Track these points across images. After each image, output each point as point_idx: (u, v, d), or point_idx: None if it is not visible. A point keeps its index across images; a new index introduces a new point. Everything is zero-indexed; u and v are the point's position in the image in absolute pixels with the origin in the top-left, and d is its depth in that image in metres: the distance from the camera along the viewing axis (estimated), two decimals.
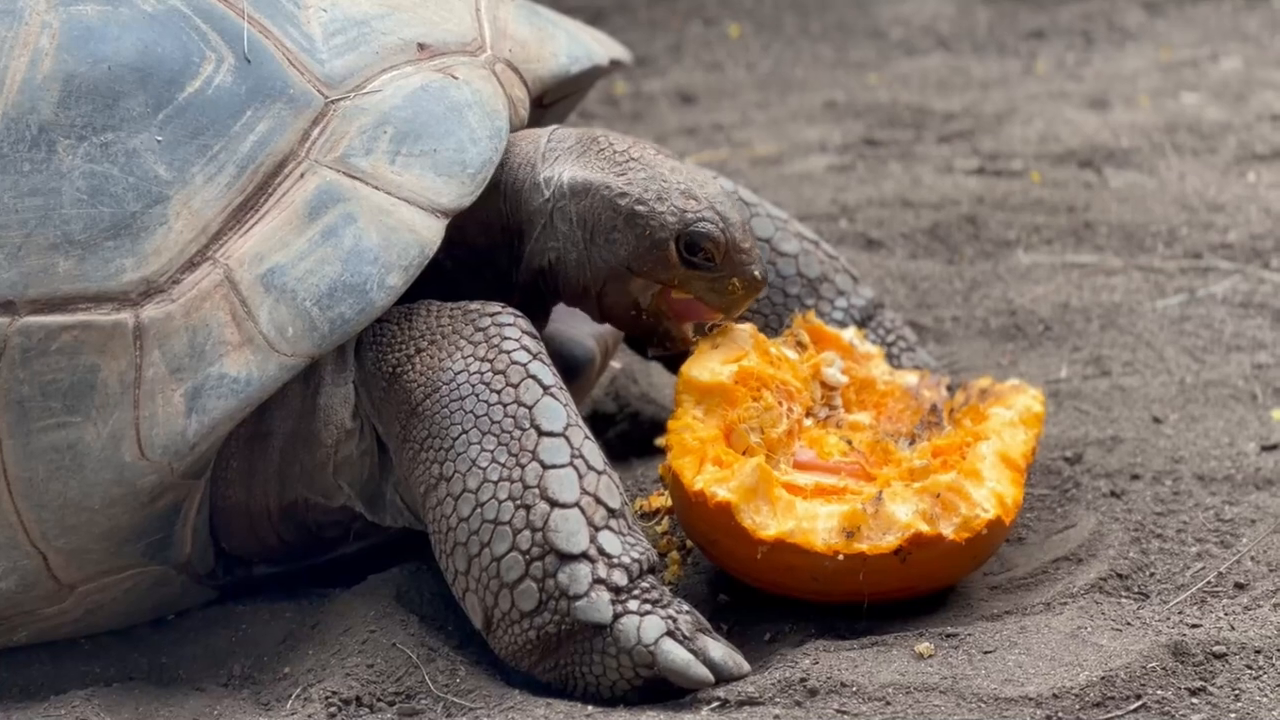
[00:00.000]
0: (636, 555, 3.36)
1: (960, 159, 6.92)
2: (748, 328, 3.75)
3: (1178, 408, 4.52)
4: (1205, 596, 3.62)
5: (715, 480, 3.50)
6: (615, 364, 4.55)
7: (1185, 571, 3.72)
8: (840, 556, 3.44)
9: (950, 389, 3.99)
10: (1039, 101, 7.75)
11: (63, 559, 3.48)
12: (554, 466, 3.37)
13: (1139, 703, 3.22)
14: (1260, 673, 3.31)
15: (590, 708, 3.31)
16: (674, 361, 3.87)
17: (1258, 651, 3.35)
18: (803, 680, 3.30)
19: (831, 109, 7.91)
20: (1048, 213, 6.08)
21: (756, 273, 3.67)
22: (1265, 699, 3.24)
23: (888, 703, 3.23)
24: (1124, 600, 3.60)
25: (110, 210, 3.41)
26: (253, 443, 3.63)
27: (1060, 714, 3.18)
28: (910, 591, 3.57)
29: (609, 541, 3.35)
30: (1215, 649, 3.36)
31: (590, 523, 3.34)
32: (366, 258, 3.43)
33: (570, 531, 3.33)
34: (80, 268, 3.40)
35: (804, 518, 3.47)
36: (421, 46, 3.71)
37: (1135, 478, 4.12)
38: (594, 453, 3.41)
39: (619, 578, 3.33)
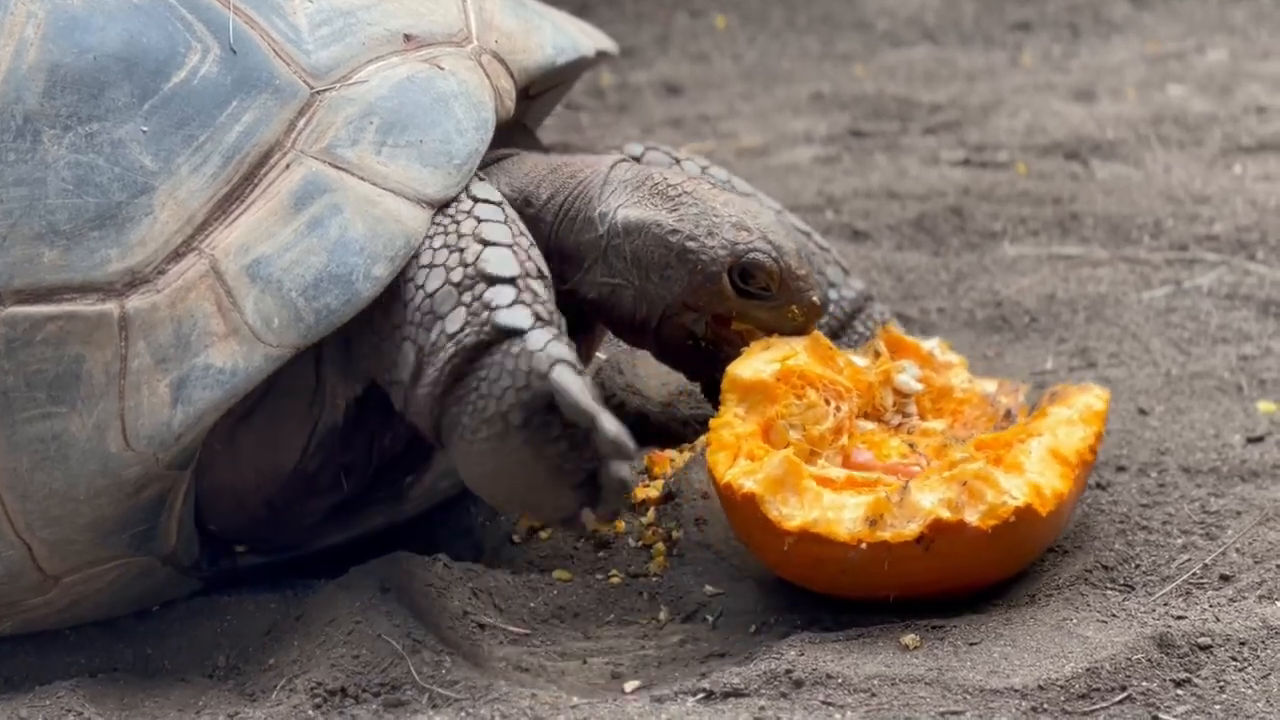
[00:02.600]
0: (558, 317, 3.44)
1: (946, 150, 6.93)
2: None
3: (1163, 399, 4.52)
4: (1190, 588, 3.62)
5: (744, 473, 3.49)
6: (600, 354, 4.55)
7: (1171, 563, 3.72)
8: (863, 545, 3.41)
9: (1029, 397, 3.94)
10: (1025, 93, 7.75)
11: (47, 550, 3.47)
12: (490, 221, 3.51)
13: (1124, 694, 3.23)
14: (1245, 664, 3.31)
15: (575, 698, 3.31)
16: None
17: (1243, 643, 3.36)
18: (788, 672, 3.30)
19: (818, 100, 7.92)
20: (1034, 204, 6.08)
21: (814, 298, 3.70)
22: (1250, 690, 3.24)
23: (873, 694, 3.24)
24: (1109, 592, 3.60)
25: (96, 200, 3.41)
26: (237, 425, 3.63)
27: (1045, 705, 3.19)
28: (942, 586, 3.52)
29: (536, 286, 3.44)
30: (1200, 641, 3.36)
31: (521, 265, 3.45)
32: (352, 248, 3.42)
33: (501, 261, 3.43)
34: (65, 258, 3.39)
35: (830, 508, 3.45)
36: (408, 37, 3.70)
37: (1121, 469, 4.13)
38: (525, 229, 3.55)
39: (541, 311, 3.40)
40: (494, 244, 3.45)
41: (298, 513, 3.80)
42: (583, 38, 4.14)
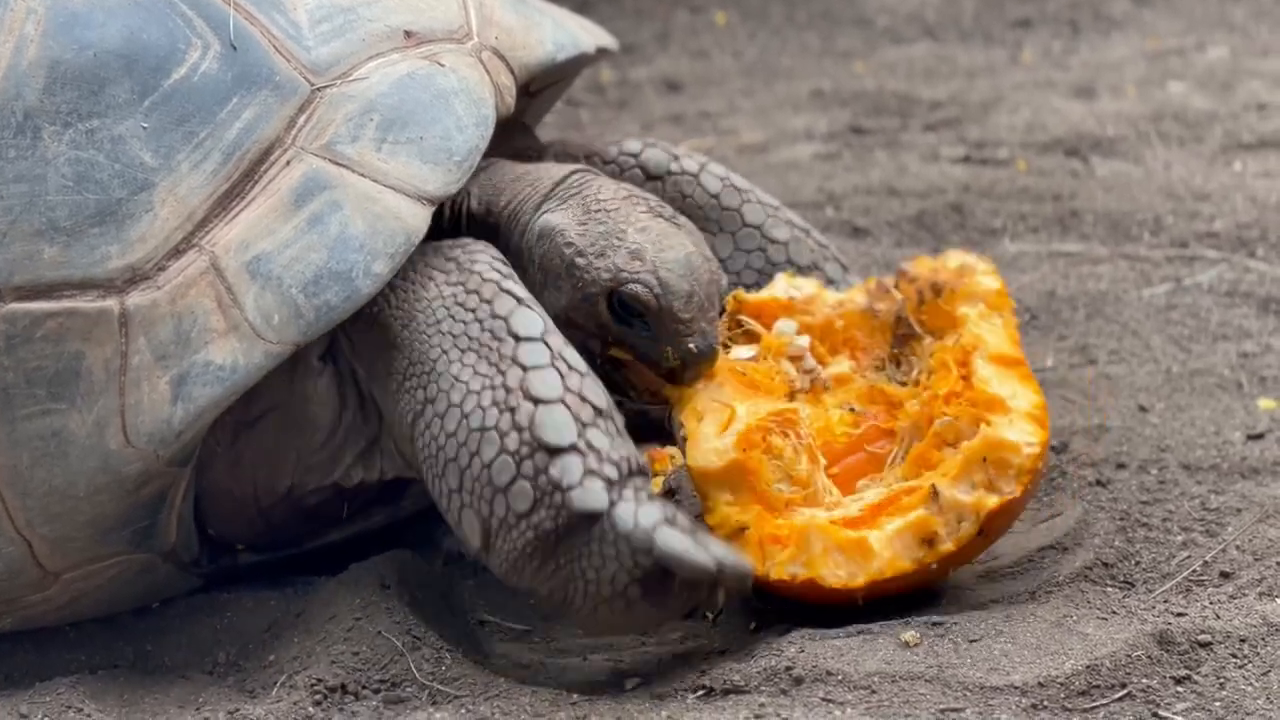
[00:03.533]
0: (625, 454, 3.31)
1: (946, 147, 6.93)
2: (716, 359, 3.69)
3: (1164, 397, 4.52)
4: (1191, 585, 3.62)
5: (786, 561, 3.45)
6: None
7: (1171, 560, 3.72)
8: (934, 565, 3.43)
9: (893, 286, 3.90)
10: (1025, 90, 7.75)
11: (48, 547, 3.47)
12: (535, 368, 3.34)
13: (1124, 691, 3.23)
14: (1245, 661, 3.31)
15: (575, 695, 3.31)
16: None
17: (1243, 640, 3.36)
18: (788, 669, 3.30)
19: (818, 97, 7.92)
20: (1034, 201, 6.08)
21: (692, 346, 3.59)
22: (1250, 688, 3.24)
23: (873, 691, 3.24)
24: (1109, 589, 3.60)
25: (96, 197, 3.41)
26: (239, 430, 3.63)
27: (1045, 702, 3.19)
28: (988, 549, 3.60)
29: (597, 438, 3.30)
30: (1200, 638, 3.36)
31: (577, 418, 3.30)
32: (352, 245, 3.42)
33: (557, 426, 3.28)
34: (65, 254, 3.39)
35: (881, 549, 3.43)
36: (408, 34, 3.70)
37: (1121, 466, 4.13)
38: (575, 357, 3.38)
39: (610, 471, 3.28)
40: (545, 401, 3.31)
41: (295, 529, 3.79)
42: (583, 34, 4.14)
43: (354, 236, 3.42)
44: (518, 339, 3.38)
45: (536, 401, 3.30)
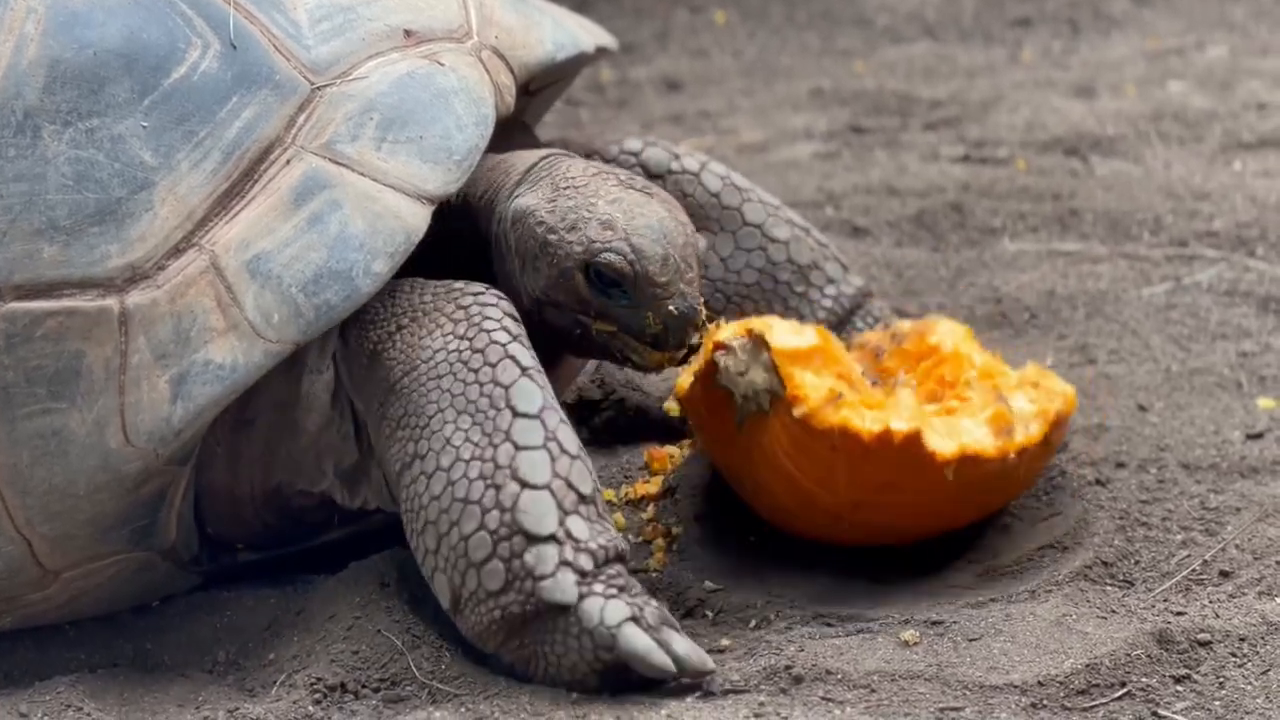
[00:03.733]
0: (604, 542, 3.32)
1: (946, 147, 6.93)
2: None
3: (1163, 396, 4.52)
4: (1190, 584, 3.62)
5: (889, 418, 3.48)
6: None
7: (1170, 559, 3.72)
8: (1012, 455, 3.52)
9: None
10: (1025, 89, 7.75)
11: (47, 545, 3.47)
12: (527, 448, 3.34)
13: (1124, 690, 3.23)
14: (1245, 660, 3.31)
15: (575, 694, 3.31)
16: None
17: (1242, 639, 3.36)
18: (788, 668, 3.30)
19: (817, 96, 7.92)
20: (1033, 200, 6.08)
21: (673, 308, 3.58)
22: (1249, 686, 3.24)
23: (873, 690, 3.24)
24: (1109, 588, 3.60)
25: (96, 196, 3.41)
26: (237, 428, 3.63)
27: (1045, 701, 3.19)
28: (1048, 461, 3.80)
29: (577, 526, 3.31)
30: (1200, 637, 3.36)
31: (560, 506, 3.30)
32: (352, 244, 3.42)
33: (539, 513, 3.29)
34: (65, 254, 3.39)
35: (964, 433, 3.51)
36: (408, 33, 3.70)
37: (1121, 466, 4.12)
38: (569, 437, 3.38)
39: (585, 562, 3.29)
40: (531, 486, 3.31)
41: (290, 529, 3.79)
42: (582, 33, 4.14)
43: (354, 235, 3.43)
44: (515, 413, 3.36)
45: (523, 485, 3.31)
